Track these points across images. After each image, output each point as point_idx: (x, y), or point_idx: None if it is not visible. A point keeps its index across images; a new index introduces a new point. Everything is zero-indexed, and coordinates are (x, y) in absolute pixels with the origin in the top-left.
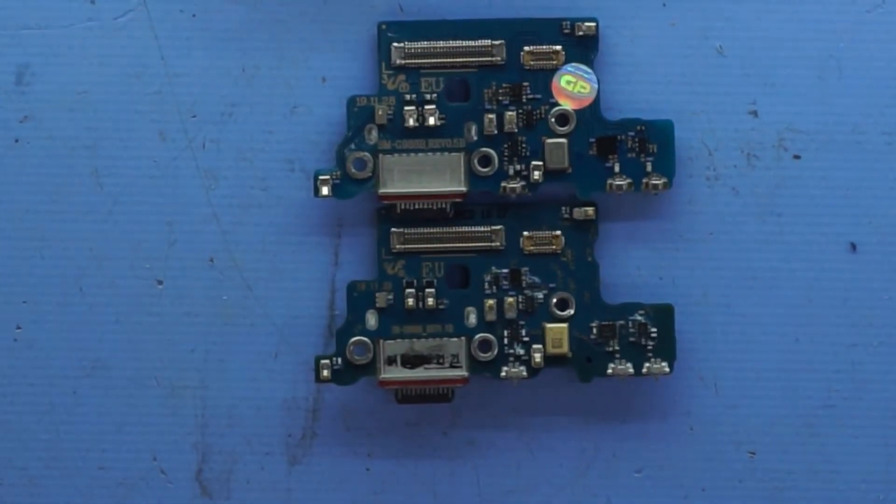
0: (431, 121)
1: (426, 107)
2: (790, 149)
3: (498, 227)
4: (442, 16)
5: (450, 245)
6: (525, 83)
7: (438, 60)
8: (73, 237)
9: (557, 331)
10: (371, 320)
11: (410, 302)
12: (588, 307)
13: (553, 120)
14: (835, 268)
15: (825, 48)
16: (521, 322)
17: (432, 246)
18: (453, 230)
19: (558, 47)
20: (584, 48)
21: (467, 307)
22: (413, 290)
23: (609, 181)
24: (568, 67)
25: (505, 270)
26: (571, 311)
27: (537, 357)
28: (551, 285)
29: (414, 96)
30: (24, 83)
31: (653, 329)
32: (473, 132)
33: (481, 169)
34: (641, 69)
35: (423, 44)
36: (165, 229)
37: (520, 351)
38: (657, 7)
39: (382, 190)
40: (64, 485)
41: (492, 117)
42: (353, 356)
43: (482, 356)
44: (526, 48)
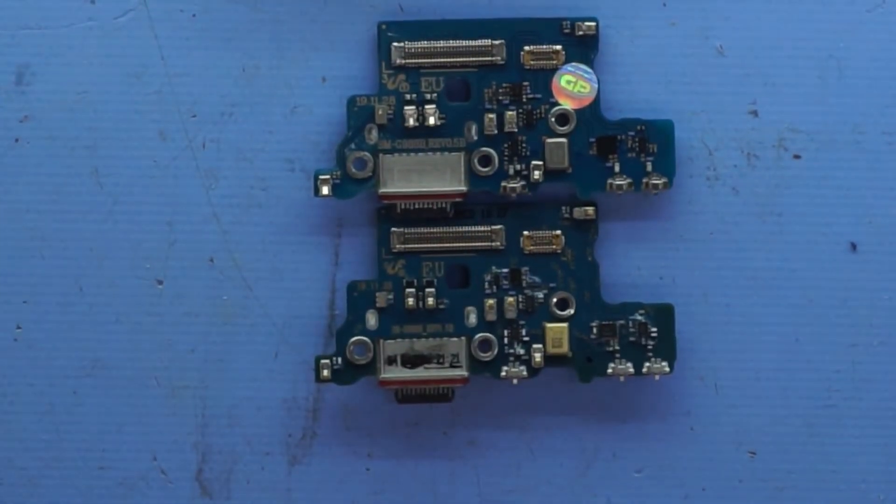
0: (431, 121)
1: (426, 107)
2: (790, 149)
3: (498, 227)
4: (442, 16)
5: (450, 245)
6: (525, 83)
7: (438, 60)
8: (73, 237)
9: (557, 331)
10: (371, 320)
11: (410, 302)
12: (588, 307)
13: (553, 120)
14: (835, 268)
15: (825, 48)
16: (522, 322)
17: (432, 246)
18: (453, 230)
19: (558, 47)
20: (584, 48)
21: (467, 307)
22: (413, 290)
23: (609, 181)
24: (568, 67)
25: (505, 270)
26: (571, 311)
27: (537, 357)
28: (551, 285)
29: (414, 96)
30: (24, 83)
31: (653, 329)
32: (473, 132)
33: (481, 169)
34: (641, 69)
35: (423, 44)
36: (165, 229)
37: (520, 351)
38: (657, 7)
39: (382, 190)
40: (64, 485)
41: (492, 117)
42: (354, 356)
43: (482, 356)
44: (526, 48)
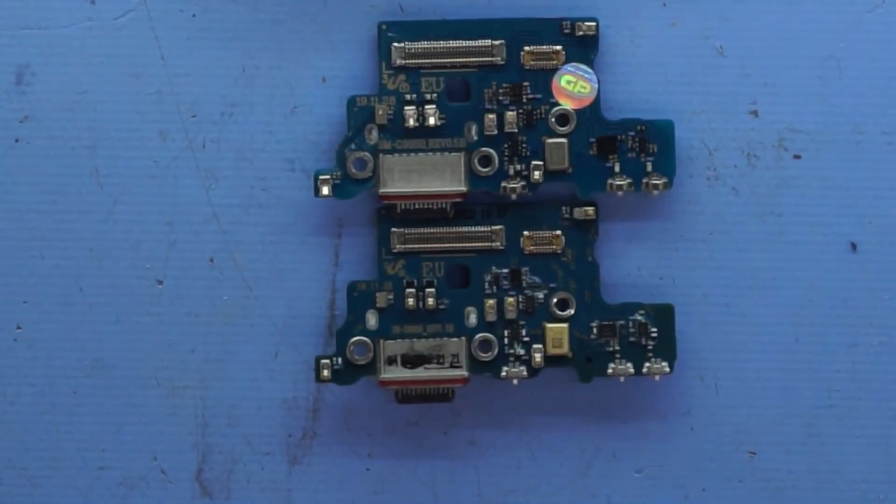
0: (431, 121)
1: (426, 107)
2: (790, 149)
3: (498, 227)
4: (442, 16)
5: (450, 245)
6: (525, 83)
7: (438, 60)
8: (73, 237)
9: (558, 331)
10: (371, 320)
11: (411, 302)
12: (588, 307)
13: (553, 120)
14: (835, 268)
15: (825, 48)
16: (522, 322)
17: (432, 246)
18: (453, 230)
19: (558, 47)
20: (584, 48)
21: (467, 307)
22: (413, 290)
23: (609, 181)
24: (568, 67)
25: (505, 270)
26: (571, 311)
27: (537, 357)
28: (551, 285)
29: (414, 96)
30: (24, 83)
31: (653, 329)
32: (474, 132)
33: (481, 169)
34: (641, 69)
35: (423, 44)
36: (165, 229)
37: (520, 351)
38: (657, 7)
39: (382, 190)
40: (64, 485)
41: (492, 117)
42: (354, 356)
43: (482, 356)
44: (526, 48)
